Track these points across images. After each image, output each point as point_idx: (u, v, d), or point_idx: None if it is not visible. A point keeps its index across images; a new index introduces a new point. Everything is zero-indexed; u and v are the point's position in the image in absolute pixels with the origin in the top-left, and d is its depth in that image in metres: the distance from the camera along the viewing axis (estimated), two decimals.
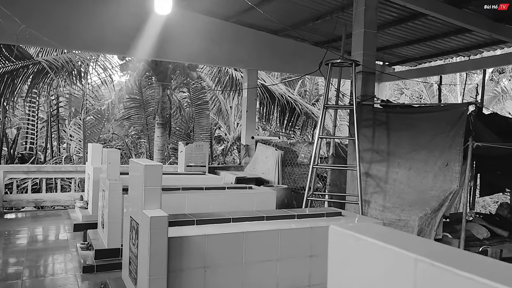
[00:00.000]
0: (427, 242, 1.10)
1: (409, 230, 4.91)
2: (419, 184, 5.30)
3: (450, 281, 0.86)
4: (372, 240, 1.05)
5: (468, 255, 1.00)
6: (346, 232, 1.14)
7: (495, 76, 17.86)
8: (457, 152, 4.94)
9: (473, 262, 0.93)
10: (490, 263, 0.93)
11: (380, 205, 5.50)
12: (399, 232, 1.16)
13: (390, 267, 1.00)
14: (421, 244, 1.06)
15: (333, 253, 1.19)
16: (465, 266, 0.87)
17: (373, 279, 1.05)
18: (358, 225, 1.20)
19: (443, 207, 4.90)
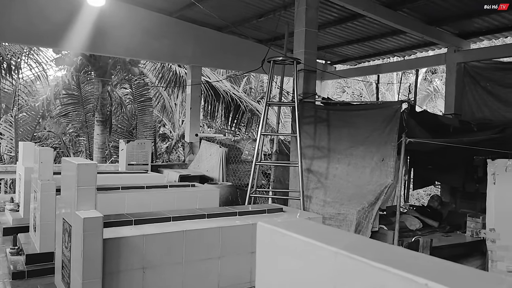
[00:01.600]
0: (349, 236, 1.13)
1: (348, 224, 5.08)
2: (357, 179, 5.50)
3: (366, 272, 0.88)
4: (296, 236, 1.07)
5: (386, 247, 1.04)
6: (272, 228, 1.15)
7: (429, 76, 18.92)
8: (392, 148, 5.18)
9: (389, 253, 0.97)
10: (404, 254, 0.97)
11: (321, 200, 5.65)
12: (324, 226, 1.18)
13: (313, 261, 1.02)
14: (343, 237, 1.09)
15: (260, 250, 1.19)
16: (380, 257, 0.90)
17: (297, 273, 1.06)
18: (285, 221, 1.21)
19: (379, 201, 5.11)
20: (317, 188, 5.81)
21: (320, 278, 0.99)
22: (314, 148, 6.08)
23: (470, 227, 5.99)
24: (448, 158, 6.59)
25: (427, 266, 0.88)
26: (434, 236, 5.83)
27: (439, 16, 7.42)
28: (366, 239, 1.06)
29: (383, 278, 0.85)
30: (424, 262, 0.92)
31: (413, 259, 0.93)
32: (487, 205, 4.79)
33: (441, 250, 5.45)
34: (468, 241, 5.85)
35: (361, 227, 5.01)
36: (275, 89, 11.47)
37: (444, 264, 0.91)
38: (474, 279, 0.83)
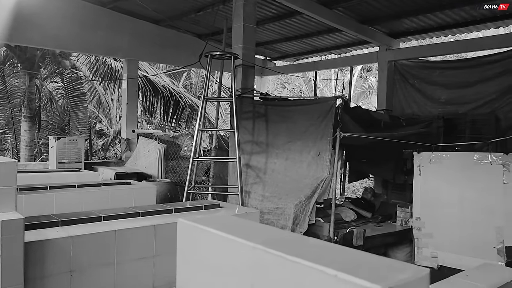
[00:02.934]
0: (268, 230, 1.13)
1: (285, 217, 5.16)
2: (295, 173, 5.60)
3: (281, 265, 0.88)
4: (215, 231, 1.05)
5: (303, 240, 1.05)
6: (192, 224, 1.12)
7: (364, 73, 19.71)
8: (327, 142, 5.33)
9: (305, 246, 0.98)
10: (319, 246, 0.98)
11: (259, 195, 5.69)
12: (245, 221, 1.18)
13: (231, 256, 1.01)
14: (262, 232, 1.09)
15: (181, 246, 1.16)
16: (295, 251, 0.91)
17: (216, 268, 1.04)
18: (205, 217, 1.19)
19: (316, 194, 5.25)
20: (255, 183, 5.85)
21: (238, 273, 0.98)
22: (253, 143, 6.11)
23: (400, 217, 6.33)
24: (380, 152, 6.91)
25: (339, 258, 0.90)
26: (367, 227, 6.09)
27: (371, 16, 7.72)
28: (285, 232, 1.06)
29: (297, 271, 0.86)
30: (337, 253, 0.94)
31: (327, 251, 0.95)
32: (414, 195, 5.08)
33: (374, 239, 5.71)
34: (398, 230, 6.17)
35: (298, 220, 5.11)
36: (215, 84, 11.40)
37: (355, 254, 0.93)
38: (382, 268, 0.86)
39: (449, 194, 4.83)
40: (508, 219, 4.41)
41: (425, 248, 4.92)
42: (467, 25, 7.50)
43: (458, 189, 4.76)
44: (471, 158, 4.70)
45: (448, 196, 4.85)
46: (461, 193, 4.75)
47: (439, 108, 7.88)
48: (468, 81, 7.52)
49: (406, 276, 0.80)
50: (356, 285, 0.76)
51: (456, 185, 4.78)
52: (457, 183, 4.77)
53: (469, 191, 4.70)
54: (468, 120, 7.04)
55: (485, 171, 4.56)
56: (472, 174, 4.67)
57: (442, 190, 4.89)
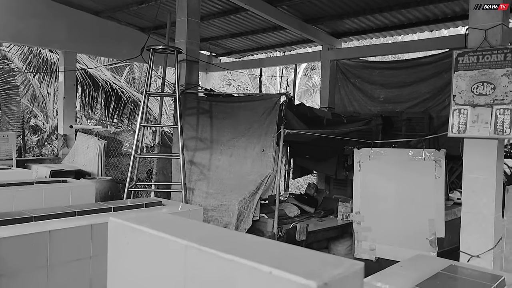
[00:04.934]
0: (206, 228, 1.09)
1: (230, 214, 5.14)
2: (239, 169, 5.59)
3: (215, 264, 0.85)
4: (147, 230, 1.00)
5: (239, 236, 1.02)
6: (123, 223, 1.06)
7: (308, 72, 20.13)
8: (272, 139, 5.36)
9: (240, 243, 0.95)
10: (255, 242, 0.96)
11: (204, 192, 5.63)
12: (179, 219, 1.13)
13: (164, 255, 0.96)
14: (197, 229, 1.05)
15: (112, 246, 1.09)
16: (230, 248, 0.88)
17: (148, 268, 0.99)
18: (138, 215, 1.13)
19: (260, 190, 5.27)
20: (199, 180, 5.78)
21: (171, 272, 0.94)
22: (197, 140, 6.03)
23: (341, 211, 6.51)
24: (323, 148, 7.08)
25: (275, 254, 0.88)
26: (310, 222, 6.21)
27: (315, 15, 7.88)
28: (222, 230, 1.03)
29: (231, 269, 0.83)
30: (273, 249, 0.92)
31: (263, 248, 0.92)
32: (354, 190, 5.25)
33: (316, 234, 5.84)
34: (339, 224, 6.34)
35: (242, 217, 5.11)
36: (159, 79, 11.14)
37: (292, 250, 0.91)
38: (317, 264, 0.85)
39: (386, 188, 5.04)
40: (438, 212, 4.68)
41: (364, 241, 5.10)
42: (404, 28, 7.87)
43: (395, 183, 4.98)
44: (406, 154, 4.93)
45: (385, 191, 5.05)
46: (397, 187, 4.97)
47: (378, 106, 8.22)
48: (405, 81, 7.90)
49: (341, 271, 0.80)
50: (290, 282, 0.74)
51: (393, 180, 5.00)
52: (394, 178, 4.99)
53: (404, 185, 4.93)
54: (404, 118, 7.40)
55: (419, 166, 4.80)
56: (408, 170, 4.90)
57: (380, 185, 5.09)
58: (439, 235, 4.65)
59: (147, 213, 3.68)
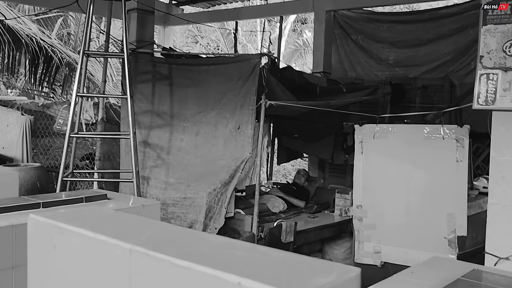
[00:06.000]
0: (157, 227, 1.08)
1: (196, 210, 5.16)
2: (208, 152, 5.59)
3: (168, 272, 0.84)
4: (80, 230, 0.97)
5: (199, 237, 1.01)
6: (48, 222, 1.04)
7: (298, 26, 20.07)
8: (250, 113, 5.35)
9: (201, 246, 0.94)
10: (222, 245, 0.95)
11: (162, 181, 5.63)
12: (122, 215, 1.12)
13: (102, 263, 0.94)
14: (146, 229, 1.03)
15: (33, 253, 1.07)
16: (187, 252, 0.87)
17: (82, 280, 0.98)
18: (70, 211, 1.10)
19: (235, 179, 5.28)
20: (156, 167, 5.77)
21: (112, 283, 0.92)
22: (153, 114, 6.00)
23: (339, 205, 6.60)
24: (315, 125, 7.11)
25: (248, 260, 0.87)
26: (299, 218, 6.28)
27: None
28: (177, 229, 1.02)
29: (188, 279, 0.82)
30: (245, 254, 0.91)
31: (232, 252, 0.92)
32: (354, 178, 5.32)
33: (307, 234, 5.92)
34: (337, 221, 6.44)
35: (212, 213, 5.13)
36: (102, 35, 10.93)
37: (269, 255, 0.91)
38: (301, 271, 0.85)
39: (395, 175, 5.11)
40: (460, 204, 4.78)
41: (367, 242, 5.20)
42: None
43: (406, 169, 5.06)
44: (421, 131, 4.99)
45: (394, 178, 5.13)
46: (409, 174, 5.05)
47: (386, 71, 8.26)
48: (420, 39, 7.94)
49: (331, 279, 0.80)
50: None
51: (403, 165, 5.07)
52: (405, 162, 5.06)
53: (418, 171, 5.01)
54: (419, 86, 7.47)
55: (436, 147, 4.88)
56: (422, 151, 4.98)
57: (387, 171, 5.16)
58: (460, 233, 4.76)
59: (80, 209, 3.65)
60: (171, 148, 5.84)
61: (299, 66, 17.49)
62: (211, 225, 5.11)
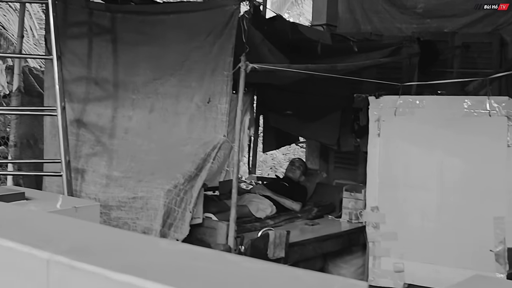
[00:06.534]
0: (84, 228, 1.08)
1: (150, 215, 5.14)
2: (167, 135, 5.57)
3: None
4: None
5: (150, 244, 1.02)
6: None
7: None
8: (224, 81, 5.33)
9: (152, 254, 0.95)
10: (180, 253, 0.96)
11: (102, 175, 5.61)
12: (42, 214, 1.12)
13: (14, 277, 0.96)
14: (71, 232, 1.04)
15: None
16: (124, 264, 0.88)
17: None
18: None
19: (203, 172, 5.27)
20: (95, 155, 5.77)
21: None
22: (89, 83, 6.00)
23: (348, 208, 6.65)
24: (315, 98, 7.12)
25: (213, 273, 0.89)
26: (293, 226, 6.31)
27: None
28: (112, 231, 1.03)
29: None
30: (209, 265, 0.92)
31: (189, 262, 0.93)
32: (368, 170, 5.33)
33: (304, 247, 5.95)
34: (344, 229, 6.48)
35: (172, 219, 5.11)
36: None
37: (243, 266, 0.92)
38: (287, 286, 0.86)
39: (424, 167, 5.13)
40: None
41: (386, 257, 5.22)
42: None
43: (438, 158, 5.08)
44: (459, 106, 5.01)
45: (421, 171, 5.15)
46: (443, 164, 5.07)
47: (413, 23, 8.28)
48: None
49: None
50: None
51: (434, 152, 5.09)
52: (437, 147, 5.08)
53: (454, 160, 5.03)
54: (458, 45, 7.49)
55: (480, 127, 4.90)
56: (461, 133, 5.00)
57: (412, 160, 5.18)
58: None
59: None
60: (115, 130, 5.81)
61: (293, 17, 17.46)
62: (170, 235, 5.11)
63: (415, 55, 6.81)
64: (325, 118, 7.60)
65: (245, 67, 5.14)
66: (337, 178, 7.82)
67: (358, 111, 7.25)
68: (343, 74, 6.15)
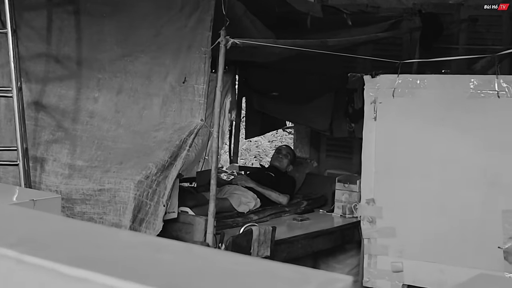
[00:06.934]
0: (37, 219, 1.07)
1: (118, 209, 5.13)
2: (137, 119, 5.55)
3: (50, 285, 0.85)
4: None
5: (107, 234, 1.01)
6: None
7: None
8: (201, 58, 5.32)
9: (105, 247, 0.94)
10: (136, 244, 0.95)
11: (64, 165, 5.58)
12: None
13: None
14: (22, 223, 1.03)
15: None
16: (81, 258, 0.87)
17: None
18: None
19: (178, 161, 5.26)
20: (56, 142, 5.74)
21: None
22: (49, 60, 5.97)
23: (341, 201, 6.65)
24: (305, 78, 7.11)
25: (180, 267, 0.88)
26: (280, 222, 6.33)
27: None
28: (68, 221, 1.02)
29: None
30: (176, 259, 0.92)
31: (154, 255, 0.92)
32: (364, 158, 5.33)
33: (292, 245, 5.96)
34: (337, 225, 6.50)
35: (143, 214, 5.11)
36: None
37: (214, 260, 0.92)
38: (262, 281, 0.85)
39: (426, 154, 5.14)
40: None
41: (383, 255, 5.24)
42: None
43: (441, 144, 5.09)
44: (465, 86, 5.01)
45: (423, 159, 5.16)
46: (446, 151, 5.08)
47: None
48: None
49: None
50: None
51: (437, 137, 5.09)
52: (440, 133, 5.08)
53: (459, 147, 5.04)
54: (465, 18, 7.50)
55: (488, 109, 4.91)
56: (466, 116, 5.00)
57: (413, 147, 5.18)
58: None
59: None
60: (78, 113, 5.78)
61: None
62: (142, 231, 5.10)
63: (416, 30, 6.82)
64: (316, 101, 7.60)
65: (225, 43, 5.12)
66: (329, 168, 7.84)
67: (352, 93, 7.26)
68: (335, 51, 6.15)
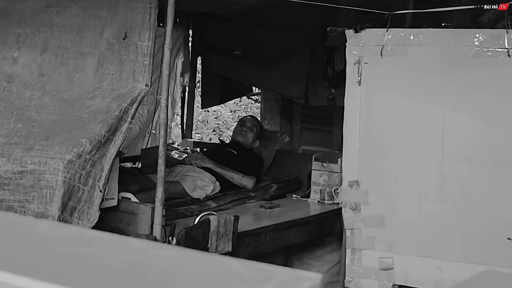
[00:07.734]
0: None
1: (44, 196, 5.09)
2: (66, 85, 5.54)
3: None
4: None
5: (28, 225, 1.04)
6: None
7: None
8: (146, 8, 5.34)
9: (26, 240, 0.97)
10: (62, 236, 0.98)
11: None
12: None
13: None
14: None
15: None
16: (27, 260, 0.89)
17: None
18: None
19: (119, 135, 5.25)
20: None
21: None
22: None
23: (319, 184, 6.67)
24: (275, 32, 7.14)
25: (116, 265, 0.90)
26: (244, 210, 6.37)
27: None
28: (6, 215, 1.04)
29: None
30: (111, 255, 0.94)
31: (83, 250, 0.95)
32: (345, 132, 5.36)
33: (259, 238, 6.00)
34: (314, 213, 6.54)
35: (75, 201, 5.09)
36: None
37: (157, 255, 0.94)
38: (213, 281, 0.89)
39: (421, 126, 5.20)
40: None
41: (369, 250, 5.28)
42: None
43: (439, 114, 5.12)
44: (469, 42, 5.05)
45: (417, 133, 5.22)
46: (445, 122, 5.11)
47: None
48: None
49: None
50: None
51: (435, 106, 5.14)
52: (438, 100, 5.13)
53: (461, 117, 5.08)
54: None
55: (495, 71, 4.96)
56: (470, 79, 5.06)
57: (405, 117, 5.24)
58: None
59: None
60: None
61: None
62: (73, 222, 5.08)
63: None
64: (288, 61, 7.61)
65: None
66: (304, 144, 7.87)
67: (332, 51, 7.25)
68: (312, 0, 6.17)
